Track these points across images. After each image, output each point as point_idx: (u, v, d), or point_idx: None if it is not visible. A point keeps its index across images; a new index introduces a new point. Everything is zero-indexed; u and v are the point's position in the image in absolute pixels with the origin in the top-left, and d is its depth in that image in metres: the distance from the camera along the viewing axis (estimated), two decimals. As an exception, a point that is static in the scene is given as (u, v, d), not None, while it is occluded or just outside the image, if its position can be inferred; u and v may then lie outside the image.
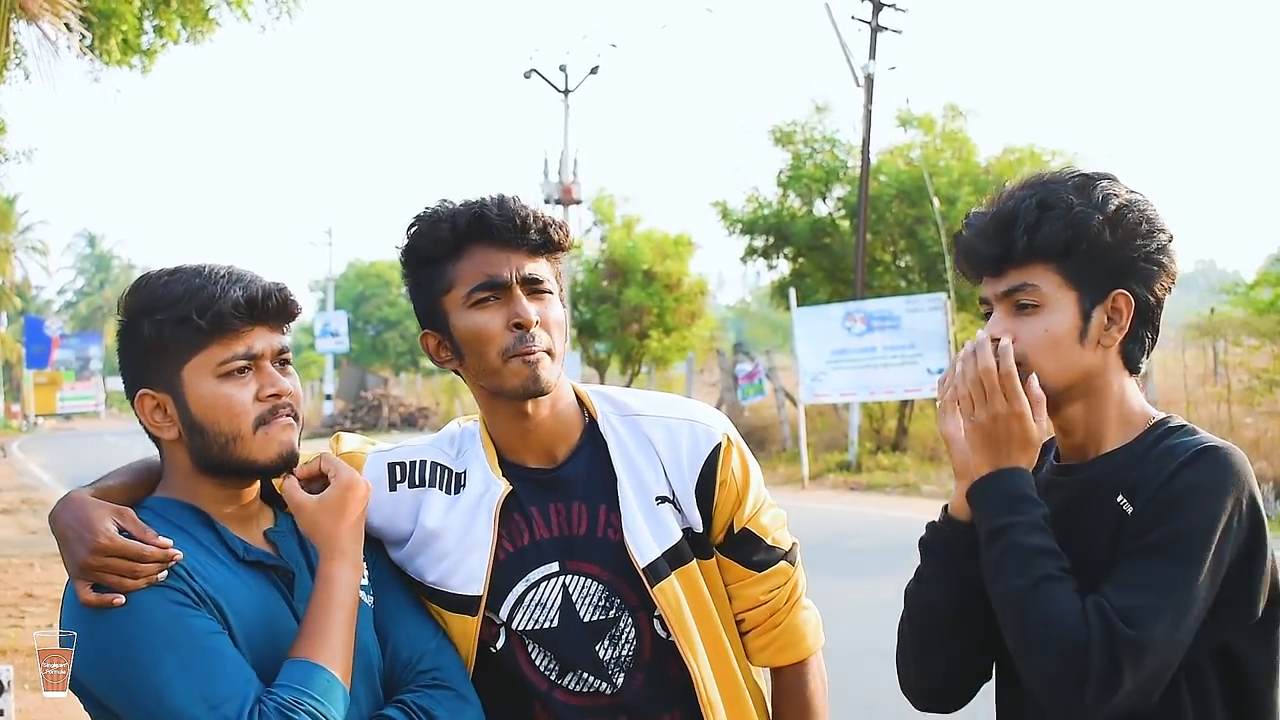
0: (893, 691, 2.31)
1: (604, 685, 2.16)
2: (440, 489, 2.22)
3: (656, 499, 2.19)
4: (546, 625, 2.16)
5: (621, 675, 2.16)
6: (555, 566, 2.17)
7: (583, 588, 2.17)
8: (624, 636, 2.17)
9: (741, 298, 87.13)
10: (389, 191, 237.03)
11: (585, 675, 2.16)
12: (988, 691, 2.25)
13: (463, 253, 2.13)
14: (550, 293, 2.17)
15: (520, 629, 2.16)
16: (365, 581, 2.16)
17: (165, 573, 1.95)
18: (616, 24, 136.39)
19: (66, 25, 9.62)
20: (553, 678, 2.16)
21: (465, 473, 2.22)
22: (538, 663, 2.17)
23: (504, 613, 2.17)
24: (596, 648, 2.16)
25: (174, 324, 2.03)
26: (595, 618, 2.17)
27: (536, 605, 2.17)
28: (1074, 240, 2.03)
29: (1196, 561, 1.90)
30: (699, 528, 2.21)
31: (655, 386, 31.59)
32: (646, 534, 2.16)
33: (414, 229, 2.19)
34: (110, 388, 74.15)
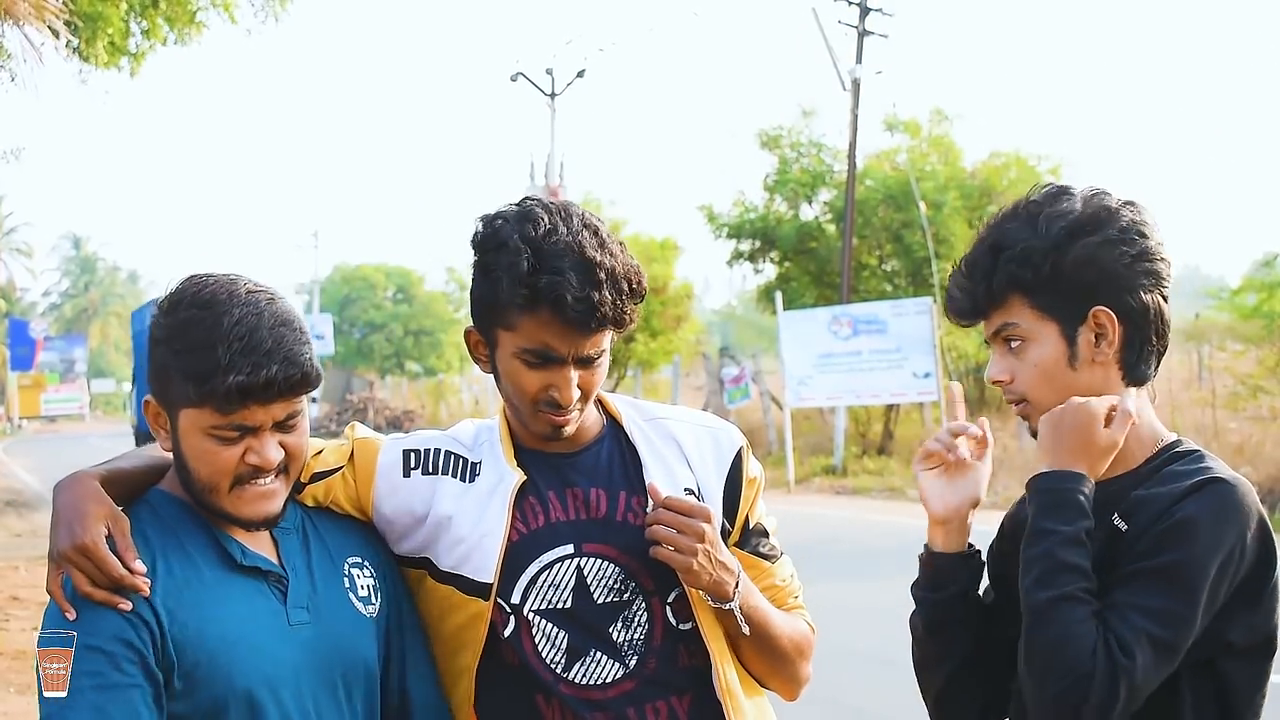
0: (879, 694, 2.33)
1: (616, 667, 2.17)
2: (453, 476, 2.24)
3: (685, 490, 2.23)
4: (560, 606, 2.18)
5: (635, 657, 2.18)
6: (570, 549, 2.19)
7: (597, 570, 2.19)
8: (636, 619, 2.19)
9: (728, 302, 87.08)
10: (375, 194, 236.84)
11: (597, 659, 2.17)
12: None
13: (533, 310, 2.08)
14: (601, 359, 2.16)
15: (533, 609, 2.18)
16: (365, 593, 2.17)
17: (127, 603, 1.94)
18: (603, 27, 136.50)
19: (52, 29, 9.61)
20: (559, 670, 2.17)
21: (480, 463, 2.25)
22: (545, 653, 2.17)
23: (516, 595, 2.18)
24: (610, 629, 2.18)
25: (178, 371, 1.98)
26: (609, 600, 2.19)
27: (550, 586, 2.18)
28: (1031, 275, 2.06)
29: (1194, 593, 1.92)
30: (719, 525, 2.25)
31: (641, 390, 31.57)
32: None
33: (502, 259, 2.08)
34: (95, 390, 73.86)
